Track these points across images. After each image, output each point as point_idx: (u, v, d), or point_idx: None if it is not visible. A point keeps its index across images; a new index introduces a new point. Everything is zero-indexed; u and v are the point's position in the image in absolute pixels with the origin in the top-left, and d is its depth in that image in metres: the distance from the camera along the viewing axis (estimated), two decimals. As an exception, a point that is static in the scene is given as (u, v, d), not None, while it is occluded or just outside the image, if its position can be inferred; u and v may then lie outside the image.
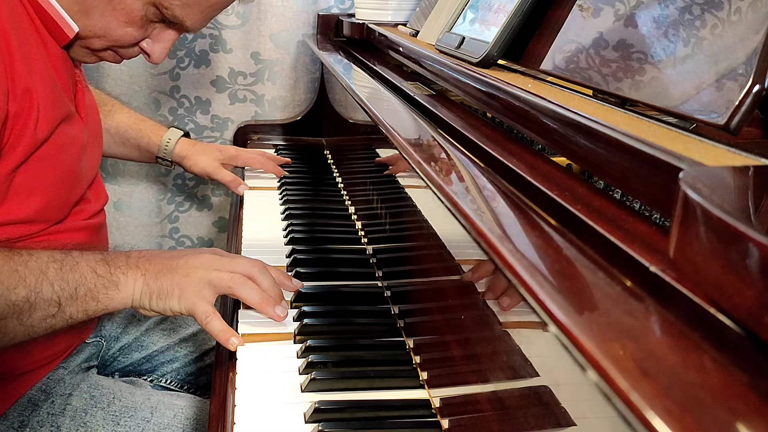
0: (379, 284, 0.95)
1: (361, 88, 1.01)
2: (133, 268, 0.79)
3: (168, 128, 1.32)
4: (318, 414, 0.68)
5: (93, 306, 0.76)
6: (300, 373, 0.75)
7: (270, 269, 0.84)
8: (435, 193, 0.60)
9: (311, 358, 0.76)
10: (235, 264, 0.81)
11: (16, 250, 0.74)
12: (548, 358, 0.46)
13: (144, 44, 0.88)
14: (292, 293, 0.90)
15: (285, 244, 1.10)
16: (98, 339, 1.06)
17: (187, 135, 1.34)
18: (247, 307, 0.84)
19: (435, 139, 0.70)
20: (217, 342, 0.79)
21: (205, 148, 1.33)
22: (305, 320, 0.84)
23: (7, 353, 0.84)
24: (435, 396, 0.71)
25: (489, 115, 0.80)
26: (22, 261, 0.73)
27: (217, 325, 0.77)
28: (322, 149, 1.64)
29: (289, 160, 1.44)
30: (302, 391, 0.72)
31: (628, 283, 0.38)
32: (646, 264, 0.37)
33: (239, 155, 1.36)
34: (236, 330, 0.81)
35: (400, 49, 1.06)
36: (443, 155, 0.66)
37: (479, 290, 0.59)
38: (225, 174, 1.30)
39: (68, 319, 0.75)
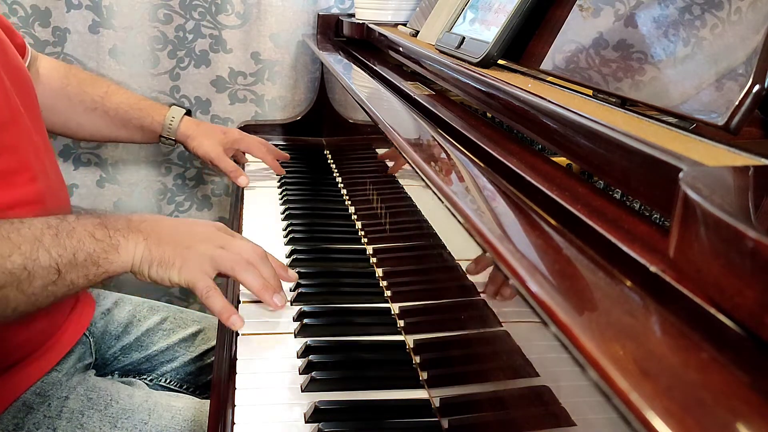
0: (379, 284, 0.95)
1: (361, 88, 1.01)
2: (135, 232, 0.77)
3: (169, 107, 1.32)
4: (318, 414, 0.68)
5: (93, 270, 0.75)
6: (300, 373, 0.75)
7: (270, 258, 0.84)
8: (435, 193, 0.60)
9: (311, 358, 0.76)
10: (240, 246, 0.80)
11: (5, 219, 0.73)
12: (548, 358, 0.46)
13: None
14: (293, 292, 0.90)
15: (285, 244, 1.10)
16: (87, 337, 1.05)
17: (189, 113, 1.33)
18: (248, 303, 0.85)
19: (435, 139, 0.70)
20: (216, 342, 0.79)
21: (209, 130, 1.32)
22: (305, 320, 0.84)
23: None
24: (435, 396, 0.71)
25: (489, 115, 0.80)
26: (14, 229, 0.72)
27: (218, 302, 0.75)
28: (322, 149, 1.64)
29: (287, 155, 1.44)
30: (302, 391, 0.72)
31: (628, 283, 0.38)
32: (646, 264, 0.36)
33: (242, 140, 1.35)
34: (237, 330, 0.81)
35: (400, 49, 1.06)
36: (443, 155, 0.66)
37: (479, 290, 0.59)
38: (228, 163, 1.29)
39: (69, 285, 0.74)
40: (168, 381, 1.12)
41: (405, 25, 1.28)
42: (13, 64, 0.93)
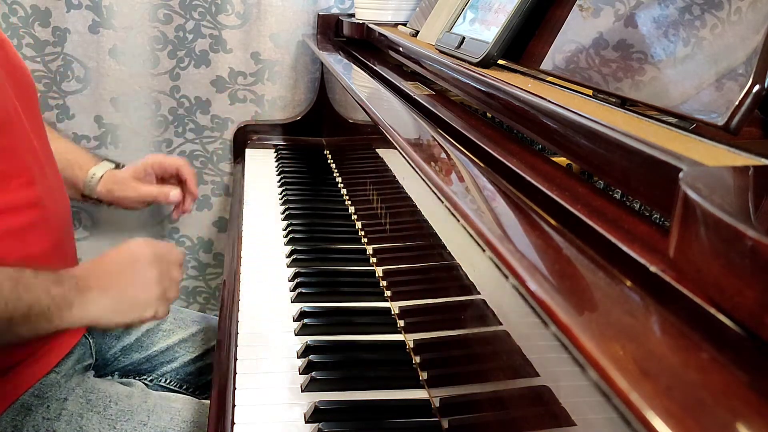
0: (379, 284, 0.95)
1: (361, 88, 1.01)
2: (86, 290, 0.79)
3: (101, 161, 1.18)
4: (318, 414, 0.68)
5: (45, 326, 0.77)
6: (300, 373, 0.75)
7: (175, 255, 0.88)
8: (435, 193, 0.60)
9: (311, 358, 0.76)
10: (173, 273, 0.85)
11: None
12: (548, 358, 0.46)
13: None
14: (293, 292, 0.90)
15: (285, 244, 1.10)
16: (86, 338, 1.05)
17: (119, 167, 1.18)
18: (248, 302, 0.85)
19: (435, 139, 0.70)
20: (216, 342, 0.79)
21: (122, 176, 1.17)
22: (305, 320, 0.84)
23: None
24: (435, 396, 0.71)
25: (489, 115, 0.80)
26: None
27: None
28: (322, 149, 1.64)
29: (196, 194, 1.26)
30: (302, 391, 0.72)
31: (628, 283, 0.38)
32: (646, 264, 0.36)
33: (147, 160, 1.18)
34: (237, 330, 0.82)
35: (400, 49, 1.06)
36: (443, 155, 0.66)
37: (479, 290, 0.59)
38: (149, 190, 1.14)
39: (15, 336, 0.76)
40: (168, 381, 1.12)
41: (405, 25, 1.28)
42: (14, 64, 0.93)
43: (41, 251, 0.88)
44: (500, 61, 0.79)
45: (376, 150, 1.07)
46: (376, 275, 0.98)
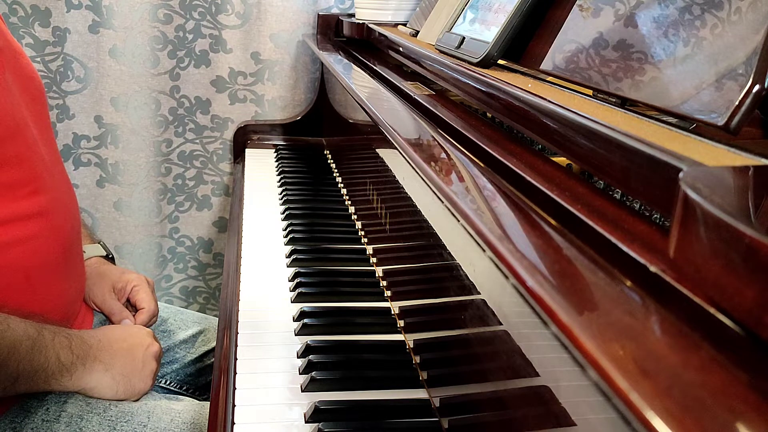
0: (379, 284, 0.96)
1: (361, 88, 1.01)
2: (92, 361, 0.85)
3: (96, 242, 1.15)
4: (318, 414, 0.68)
5: (42, 386, 0.82)
6: (300, 373, 0.75)
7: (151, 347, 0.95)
8: (435, 193, 0.60)
9: (311, 358, 0.76)
10: (154, 353, 0.94)
11: None
12: (548, 358, 0.46)
13: None
14: (293, 292, 0.90)
15: (285, 244, 1.10)
16: None
17: (108, 257, 1.14)
18: (247, 304, 0.85)
19: (435, 139, 0.70)
20: (216, 342, 0.80)
21: (101, 276, 1.10)
22: (305, 320, 0.84)
23: None
24: (435, 396, 0.71)
25: (489, 115, 0.80)
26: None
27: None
28: (322, 149, 1.64)
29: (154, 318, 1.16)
30: (302, 391, 0.72)
31: (628, 283, 0.38)
32: (646, 264, 0.36)
33: (131, 285, 1.10)
34: (237, 330, 0.82)
35: (400, 49, 1.06)
36: (443, 155, 0.66)
37: (479, 290, 0.59)
38: (110, 305, 1.08)
39: (12, 392, 0.80)
40: (168, 383, 1.11)
41: (405, 25, 1.28)
42: (25, 72, 0.93)
43: (49, 260, 0.88)
44: (500, 61, 0.79)
45: (376, 150, 1.07)
46: (376, 275, 0.98)
